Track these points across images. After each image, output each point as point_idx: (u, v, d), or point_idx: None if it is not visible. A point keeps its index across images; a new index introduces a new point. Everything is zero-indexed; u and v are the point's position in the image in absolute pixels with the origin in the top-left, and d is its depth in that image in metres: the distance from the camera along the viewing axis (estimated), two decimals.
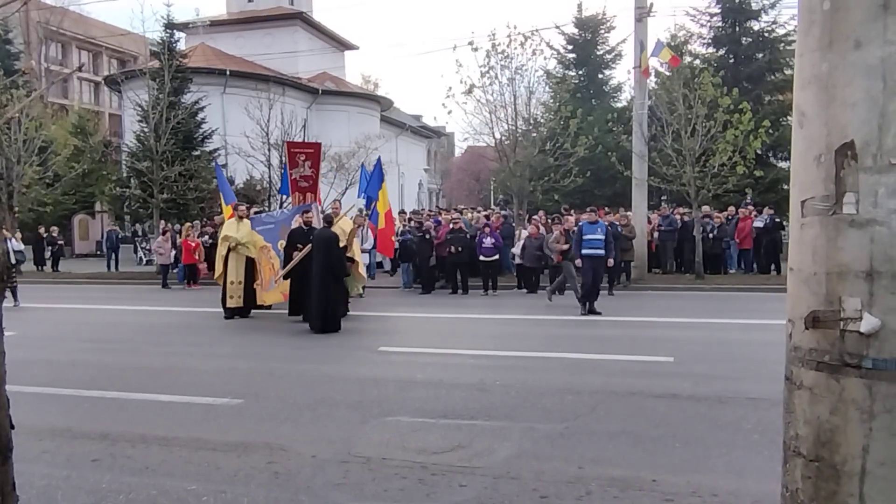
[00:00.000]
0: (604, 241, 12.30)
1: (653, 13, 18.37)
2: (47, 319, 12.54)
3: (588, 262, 12.16)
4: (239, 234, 12.37)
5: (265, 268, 12.14)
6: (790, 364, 2.13)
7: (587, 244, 12.23)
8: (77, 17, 47.74)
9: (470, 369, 7.80)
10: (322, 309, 10.36)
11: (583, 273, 12.32)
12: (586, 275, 12.16)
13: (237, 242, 12.26)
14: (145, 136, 25.04)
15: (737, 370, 7.38)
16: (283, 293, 11.98)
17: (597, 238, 12.25)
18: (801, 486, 2.06)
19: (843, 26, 1.92)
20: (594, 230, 12.34)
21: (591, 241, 12.22)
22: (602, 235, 12.32)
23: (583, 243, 12.27)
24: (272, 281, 12.12)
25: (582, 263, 12.28)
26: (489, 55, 19.17)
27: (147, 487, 4.30)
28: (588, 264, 12.16)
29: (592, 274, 12.10)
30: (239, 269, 12.35)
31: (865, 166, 1.88)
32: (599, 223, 12.66)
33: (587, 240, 12.26)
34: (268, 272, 12.10)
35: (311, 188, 12.32)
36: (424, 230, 16.68)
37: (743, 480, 4.27)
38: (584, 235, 12.32)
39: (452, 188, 59.02)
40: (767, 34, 27.53)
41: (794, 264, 2.13)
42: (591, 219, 12.69)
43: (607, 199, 27.27)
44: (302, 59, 37.36)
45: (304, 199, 12.70)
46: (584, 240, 12.28)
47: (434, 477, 4.41)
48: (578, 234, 12.53)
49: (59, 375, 7.73)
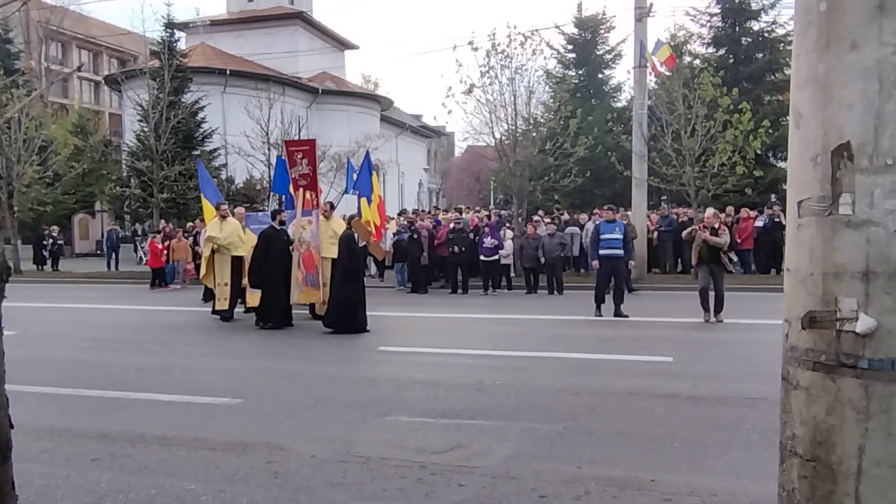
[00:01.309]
0: (622, 240, 11.63)
1: (653, 13, 18.41)
2: (47, 319, 12.53)
3: (607, 263, 11.53)
4: (222, 233, 12.17)
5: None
6: (787, 364, 2.14)
7: (605, 244, 11.53)
8: (77, 16, 47.79)
9: (469, 369, 7.81)
10: (340, 308, 10.29)
11: (599, 275, 11.72)
12: (604, 277, 11.60)
13: (218, 244, 12.10)
14: (145, 135, 25.11)
15: (736, 370, 7.38)
16: None
17: (615, 238, 11.54)
18: (798, 485, 2.06)
19: (839, 27, 1.93)
20: (612, 229, 11.61)
21: (610, 240, 11.53)
22: (620, 235, 11.63)
23: (600, 243, 11.58)
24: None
25: (599, 265, 11.65)
26: (489, 55, 19.17)
27: (146, 487, 4.31)
28: (607, 266, 11.54)
29: (614, 276, 11.53)
30: (224, 271, 12.15)
31: (862, 167, 1.89)
32: (617, 222, 11.88)
33: (605, 239, 11.55)
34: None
35: (310, 185, 12.08)
36: (414, 230, 16.75)
37: (741, 481, 4.27)
38: (601, 235, 11.63)
39: (452, 188, 59.04)
40: (767, 34, 27.54)
41: (790, 265, 2.14)
42: (609, 217, 11.90)
43: (607, 199, 27.07)
44: (302, 58, 37.42)
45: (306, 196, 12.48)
46: (602, 239, 11.58)
47: (433, 476, 4.42)
48: (595, 233, 11.83)
49: (59, 375, 7.74)
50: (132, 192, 25.17)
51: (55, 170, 24.70)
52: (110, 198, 30.79)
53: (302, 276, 11.24)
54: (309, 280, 11.32)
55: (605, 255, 11.50)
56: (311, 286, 11.33)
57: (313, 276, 11.34)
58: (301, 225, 11.46)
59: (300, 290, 11.24)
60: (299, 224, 11.49)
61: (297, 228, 11.47)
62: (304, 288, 11.27)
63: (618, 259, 11.59)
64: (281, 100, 27.30)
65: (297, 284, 11.19)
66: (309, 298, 11.57)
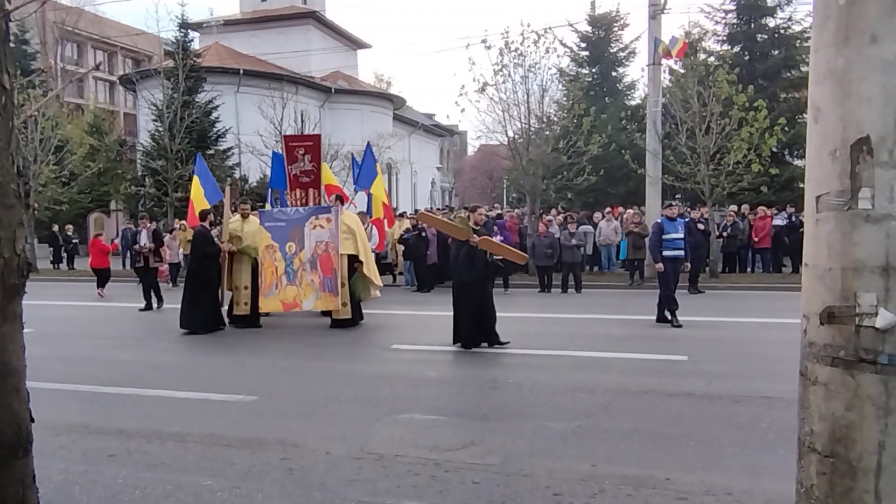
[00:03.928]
0: (684, 240, 10.63)
1: (667, 10, 18.27)
2: (63, 316, 12.65)
3: (672, 265, 10.51)
4: (244, 234, 11.25)
5: (267, 270, 10.69)
6: (805, 360, 2.12)
7: (669, 244, 10.48)
8: (92, 17, 48.22)
9: (483, 367, 7.80)
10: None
11: (664, 279, 10.52)
12: (671, 280, 10.50)
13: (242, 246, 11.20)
14: (160, 135, 25.26)
15: (751, 369, 7.33)
16: (284, 301, 10.64)
17: (678, 237, 10.55)
18: (816, 482, 2.05)
19: (858, 21, 1.91)
20: (675, 228, 10.57)
21: (674, 240, 10.52)
22: (683, 234, 10.62)
23: (663, 243, 10.48)
24: (272, 286, 10.65)
25: (664, 267, 10.50)
26: (502, 53, 19.12)
27: (162, 483, 4.34)
28: (672, 268, 10.52)
29: (675, 279, 10.61)
30: (244, 273, 11.26)
31: (881, 161, 1.88)
32: (679, 219, 10.79)
33: (669, 239, 10.49)
34: (269, 276, 10.66)
35: (312, 183, 11.57)
36: (419, 228, 16.77)
37: (757, 479, 4.24)
38: (664, 234, 10.53)
39: (465, 186, 59.09)
40: (783, 31, 27.28)
41: (808, 260, 2.13)
42: (672, 214, 10.72)
43: (621, 198, 27.13)
44: (315, 57, 37.55)
45: (306, 195, 11.86)
46: (665, 239, 10.49)
47: (447, 474, 4.42)
48: (658, 232, 10.68)
49: (76, 372, 7.82)
50: (147, 191, 25.30)
51: (71, 169, 24.96)
52: (125, 197, 31.00)
53: (319, 281, 10.53)
54: (326, 285, 10.51)
55: (669, 256, 10.49)
56: (328, 292, 10.50)
57: (331, 281, 10.50)
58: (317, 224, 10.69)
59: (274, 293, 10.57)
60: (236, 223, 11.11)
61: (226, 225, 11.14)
62: (322, 294, 10.51)
63: (679, 261, 10.70)
64: (294, 99, 27.39)
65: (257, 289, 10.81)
66: (326, 305, 10.72)
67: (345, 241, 10.79)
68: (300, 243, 10.72)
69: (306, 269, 10.62)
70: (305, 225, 10.74)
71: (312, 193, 11.89)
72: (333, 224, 10.66)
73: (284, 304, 10.68)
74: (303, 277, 10.62)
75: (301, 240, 10.72)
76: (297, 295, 10.61)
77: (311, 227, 10.73)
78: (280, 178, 12.39)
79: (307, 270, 10.61)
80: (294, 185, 11.93)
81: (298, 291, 10.61)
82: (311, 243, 10.68)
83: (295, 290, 10.62)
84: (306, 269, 10.62)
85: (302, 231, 10.72)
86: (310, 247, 10.67)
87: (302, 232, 10.72)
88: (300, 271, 10.66)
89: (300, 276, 10.64)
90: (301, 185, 12.00)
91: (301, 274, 10.64)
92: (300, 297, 10.61)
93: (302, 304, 10.64)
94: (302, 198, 12.03)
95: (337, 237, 10.62)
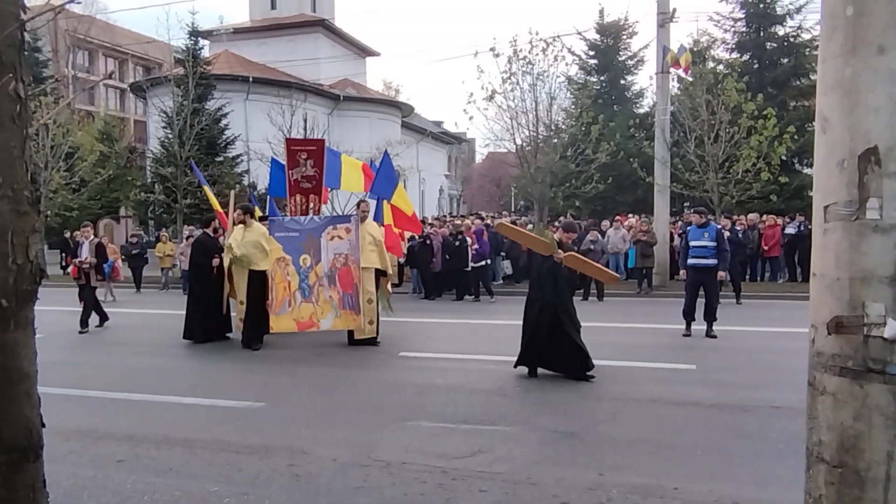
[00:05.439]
0: (715, 248, 10.20)
1: (675, 18, 18.28)
2: (73, 322, 12.70)
3: (694, 274, 10.25)
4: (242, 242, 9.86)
5: (279, 286, 9.64)
6: (813, 369, 2.12)
7: (694, 252, 10.29)
8: (104, 25, 48.60)
9: (490, 375, 7.80)
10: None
11: (687, 287, 10.45)
12: (691, 289, 10.33)
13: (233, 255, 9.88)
14: (170, 142, 25.44)
15: (760, 379, 7.30)
16: (298, 320, 9.62)
17: (703, 245, 10.23)
18: (825, 492, 2.04)
19: (866, 32, 1.92)
20: (701, 235, 10.30)
21: (698, 248, 10.26)
22: (712, 242, 10.23)
23: (690, 251, 10.36)
24: (285, 303, 9.62)
25: (687, 276, 10.42)
26: (511, 61, 19.21)
27: (171, 488, 4.36)
28: (694, 277, 10.25)
29: (704, 289, 10.26)
30: (240, 286, 10.08)
31: (889, 171, 1.88)
32: (710, 227, 10.45)
33: (694, 247, 10.30)
34: (281, 292, 9.62)
35: (314, 189, 10.97)
36: (424, 236, 16.79)
37: (765, 489, 4.23)
38: (690, 242, 10.39)
39: (473, 194, 59.12)
40: (792, 39, 27.27)
41: (816, 269, 2.13)
42: (700, 221, 10.46)
43: (629, 206, 27.12)
44: (324, 65, 37.71)
45: (307, 201, 11.22)
46: (691, 247, 10.34)
47: (454, 482, 4.42)
48: (685, 240, 10.68)
49: (85, 377, 7.87)
50: (156, 197, 25.49)
51: (81, 176, 25.13)
52: (135, 203, 31.23)
53: (338, 298, 9.66)
54: (347, 302, 9.66)
55: (692, 264, 10.30)
56: (349, 309, 9.66)
57: (352, 297, 9.67)
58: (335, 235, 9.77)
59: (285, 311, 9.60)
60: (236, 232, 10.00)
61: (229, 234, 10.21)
62: (342, 312, 9.66)
63: (707, 270, 10.21)
64: (303, 106, 27.52)
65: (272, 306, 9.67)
66: (347, 324, 9.78)
67: (370, 254, 9.94)
68: (316, 256, 9.74)
69: (323, 285, 9.69)
70: (322, 236, 9.77)
71: (314, 201, 11.51)
72: (353, 235, 9.78)
73: (299, 323, 9.66)
74: (320, 294, 9.68)
75: (317, 252, 9.75)
76: (314, 313, 9.67)
77: (328, 238, 9.78)
78: (280, 185, 11.68)
79: (325, 286, 9.69)
80: (294, 191, 11.21)
81: (315, 309, 9.68)
82: (329, 256, 9.74)
83: (311, 307, 9.67)
84: (323, 285, 9.69)
85: (318, 242, 9.75)
86: (327, 260, 9.72)
87: (318, 243, 9.75)
88: (316, 287, 9.69)
89: (317, 292, 9.69)
90: (302, 191, 11.26)
91: (318, 290, 9.69)
92: (317, 316, 9.68)
93: (320, 322, 9.69)
94: (302, 204, 11.31)
95: (358, 249, 9.75)
